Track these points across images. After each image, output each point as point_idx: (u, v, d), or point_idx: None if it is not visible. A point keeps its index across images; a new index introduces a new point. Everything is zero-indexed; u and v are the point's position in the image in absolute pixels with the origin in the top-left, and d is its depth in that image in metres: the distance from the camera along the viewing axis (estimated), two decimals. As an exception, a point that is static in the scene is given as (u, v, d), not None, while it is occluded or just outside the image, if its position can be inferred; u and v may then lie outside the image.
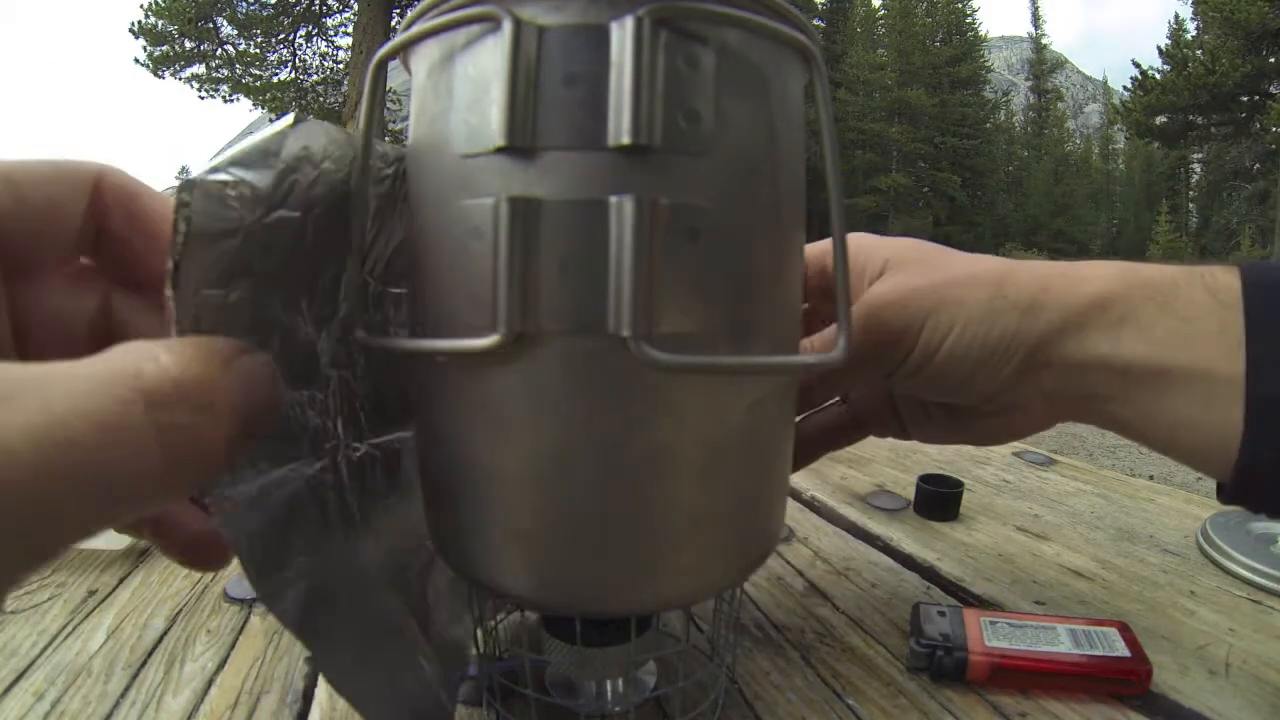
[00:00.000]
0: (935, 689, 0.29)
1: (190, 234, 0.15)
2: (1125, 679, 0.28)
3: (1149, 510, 0.49)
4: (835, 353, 0.20)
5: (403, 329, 0.25)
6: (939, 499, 0.47)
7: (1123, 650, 0.29)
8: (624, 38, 0.17)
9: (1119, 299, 0.26)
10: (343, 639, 0.20)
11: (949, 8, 26.56)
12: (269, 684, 0.29)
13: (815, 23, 0.34)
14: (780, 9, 0.19)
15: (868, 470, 0.57)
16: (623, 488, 0.19)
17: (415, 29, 0.19)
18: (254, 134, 0.17)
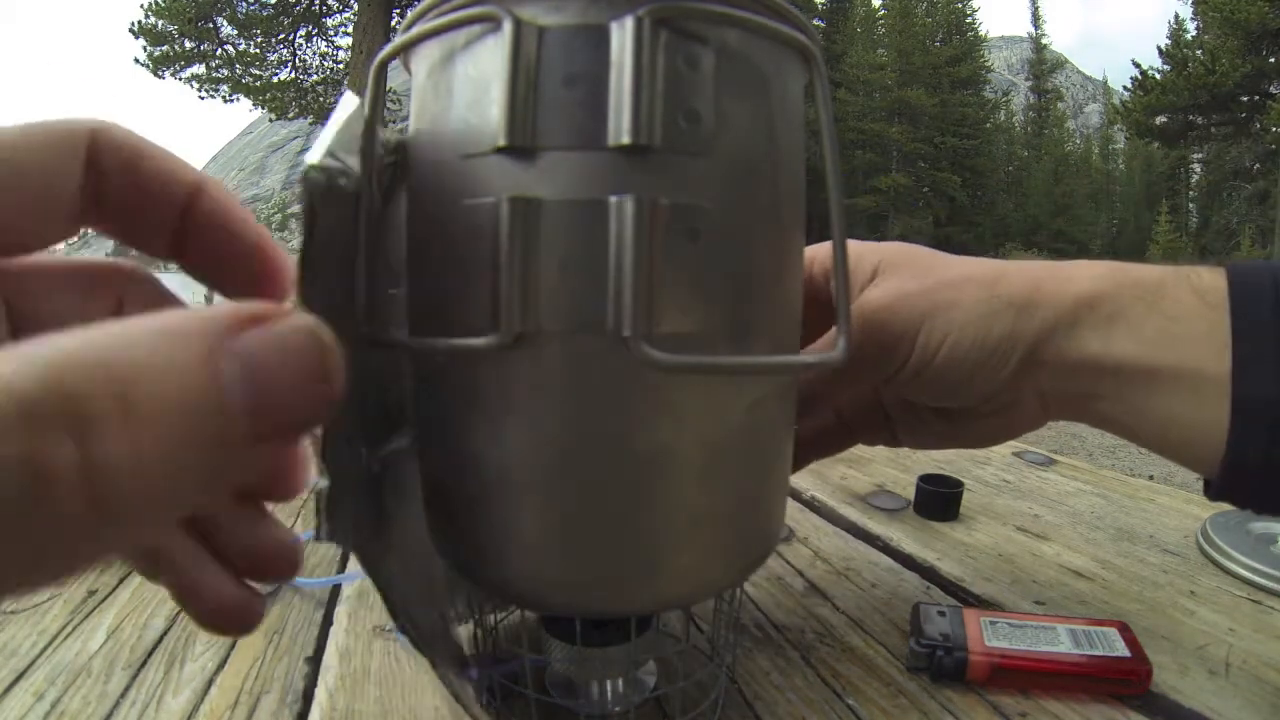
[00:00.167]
0: (935, 689, 0.29)
1: (316, 219, 0.16)
2: (1125, 679, 0.28)
3: (1149, 510, 0.49)
4: (835, 353, 0.20)
5: (402, 329, 0.25)
6: (939, 499, 0.47)
7: (1123, 650, 0.29)
8: (624, 38, 0.17)
9: (1108, 298, 0.26)
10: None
11: (949, 8, 26.56)
12: (269, 684, 0.29)
13: (815, 23, 0.34)
14: (780, 9, 0.19)
15: (868, 470, 0.57)
16: (623, 488, 0.19)
17: (416, 30, 0.19)
18: (339, 116, 0.18)
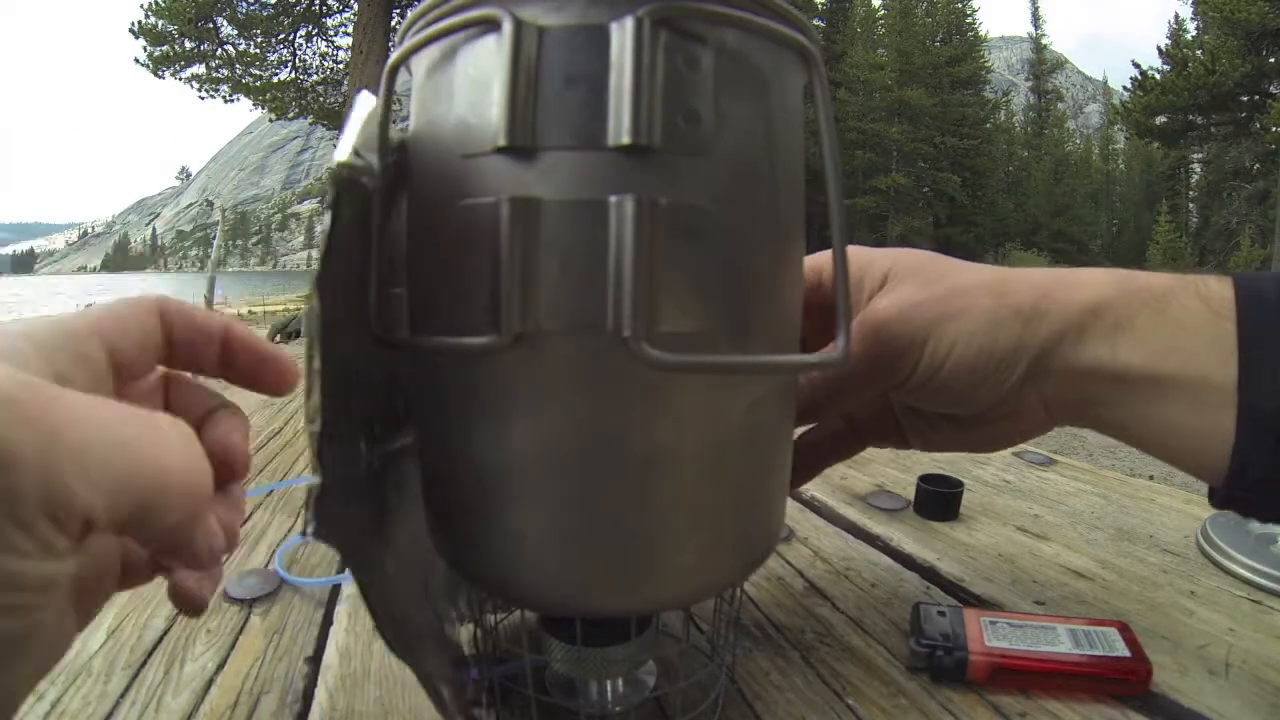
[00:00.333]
0: (935, 689, 0.29)
1: (342, 211, 0.18)
2: (1125, 679, 0.28)
3: (1149, 510, 0.49)
4: (835, 353, 0.20)
5: (404, 327, 0.25)
6: (939, 499, 0.47)
7: (1123, 650, 0.29)
8: (624, 38, 0.17)
9: (1115, 305, 0.26)
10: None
11: (949, 8, 26.56)
12: (269, 684, 0.29)
13: (815, 23, 0.34)
14: (780, 9, 0.19)
15: (868, 470, 0.57)
16: (623, 487, 0.19)
17: (422, 34, 0.19)
18: (358, 115, 0.19)
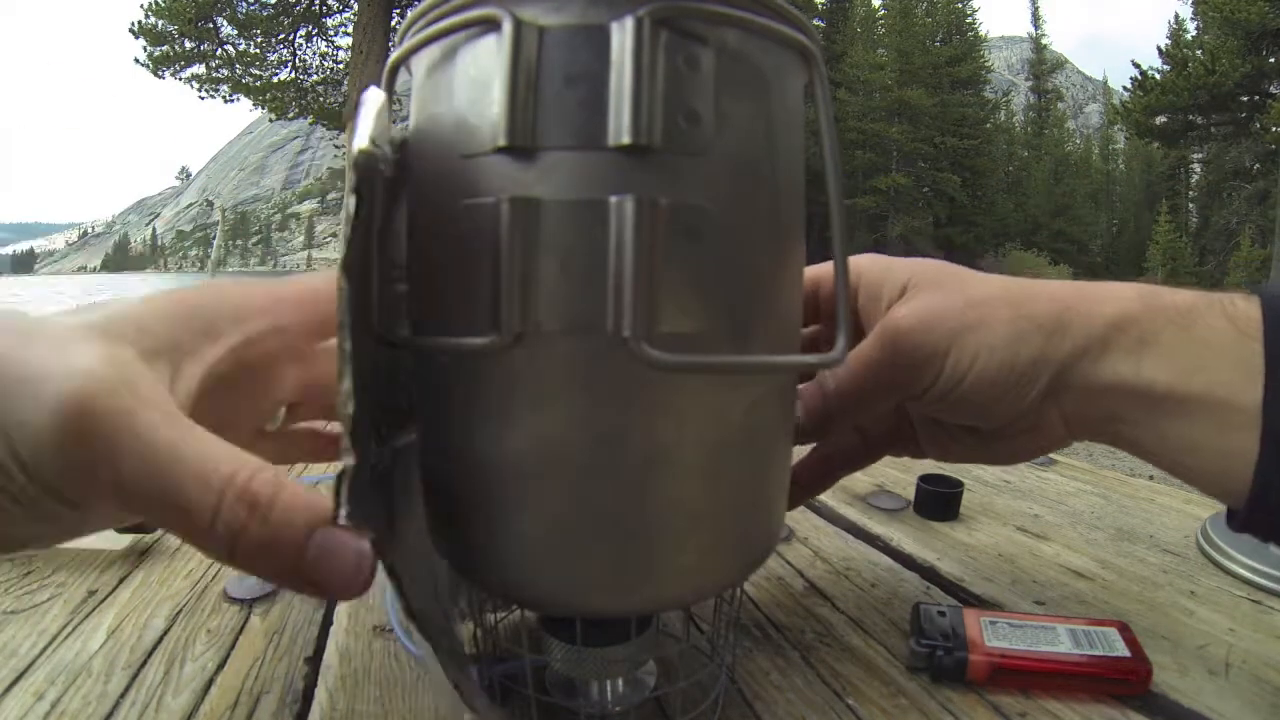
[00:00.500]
0: (935, 689, 0.29)
1: (374, 196, 0.18)
2: (1125, 679, 0.28)
3: (1149, 510, 0.49)
4: (835, 353, 0.20)
5: (403, 327, 0.25)
6: (939, 499, 0.47)
7: (1123, 650, 0.29)
8: (624, 38, 0.17)
9: (1139, 321, 0.25)
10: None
11: (949, 8, 26.56)
12: (269, 684, 0.29)
13: (815, 23, 0.34)
14: (780, 9, 0.19)
15: (868, 470, 0.56)
16: (623, 487, 0.19)
17: (422, 34, 0.19)
18: (370, 107, 0.19)
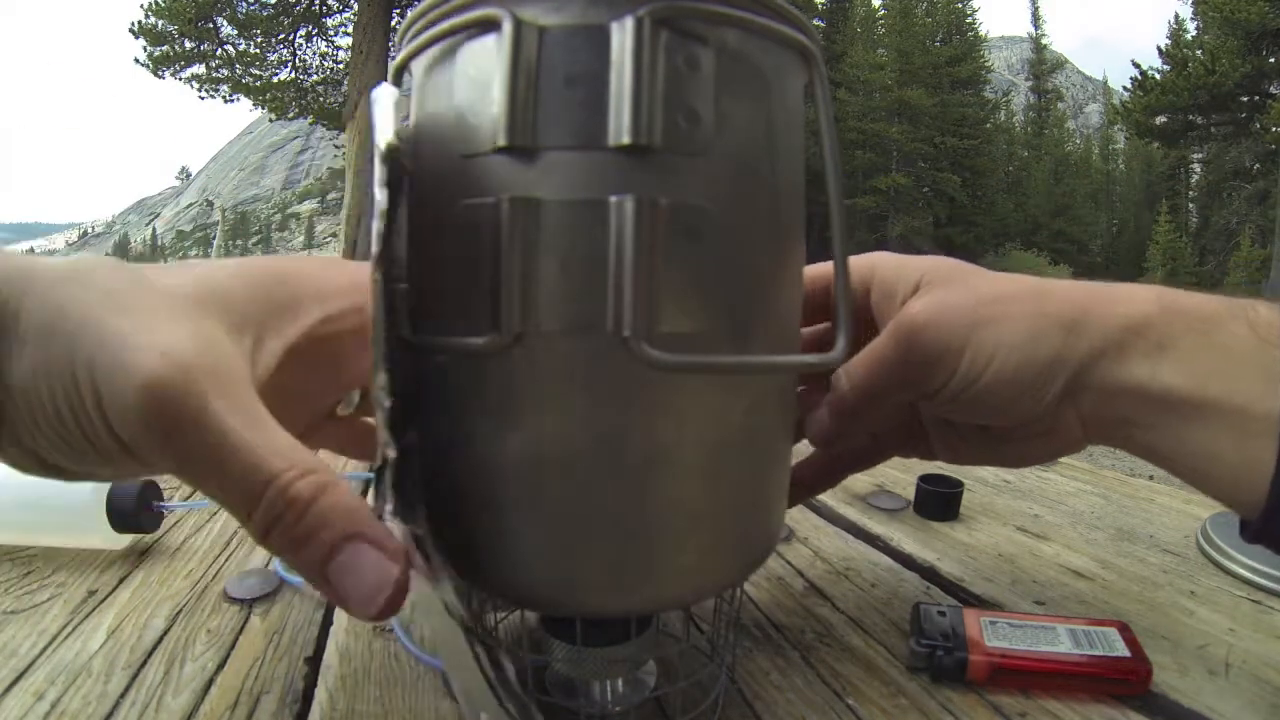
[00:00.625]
0: (935, 689, 0.29)
1: (400, 188, 0.19)
2: (1125, 679, 0.28)
3: (1149, 510, 0.49)
4: (834, 353, 0.20)
5: (405, 326, 0.25)
6: (939, 499, 0.47)
7: (1123, 650, 0.29)
8: (624, 38, 0.17)
9: (1158, 324, 0.25)
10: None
11: (949, 8, 26.56)
12: (269, 684, 0.29)
13: (815, 23, 0.34)
14: (780, 9, 0.19)
15: (868, 470, 0.56)
16: (623, 487, 0.19)
17: (424, 36, 0.19)
18: (385, 106, 0.19)
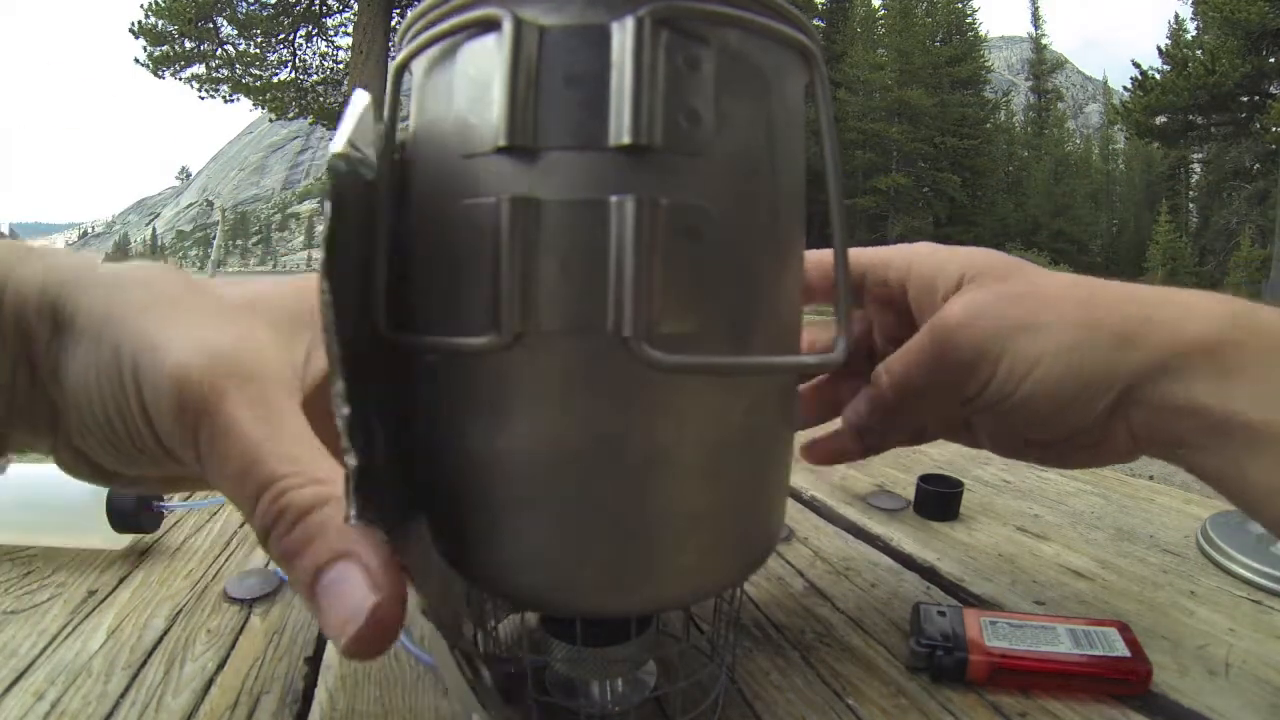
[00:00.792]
0: (935, 689, 0.29)
1: (345, 203, 0.17)
2: (1125, 679, 0.28)
3: (1149, 510, 0.49)
4: (835, 354, 0.20)
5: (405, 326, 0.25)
6: (939, 499, 0.47)
7: (1123, 650, 0.29)
8: (624, 38, 0.17)
9: (1234, 346, 0.23)
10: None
11: (949, 8, 26.57)
12: (269, 684, 0.29)
13: (815, 23, 0.34)
14: (780, 9, 0.19)
15: (868, 470, 0.57)
16: (623, 488, 0.19)
17: (424, 36, 0.19)
18: (353, 110, 0.19)
